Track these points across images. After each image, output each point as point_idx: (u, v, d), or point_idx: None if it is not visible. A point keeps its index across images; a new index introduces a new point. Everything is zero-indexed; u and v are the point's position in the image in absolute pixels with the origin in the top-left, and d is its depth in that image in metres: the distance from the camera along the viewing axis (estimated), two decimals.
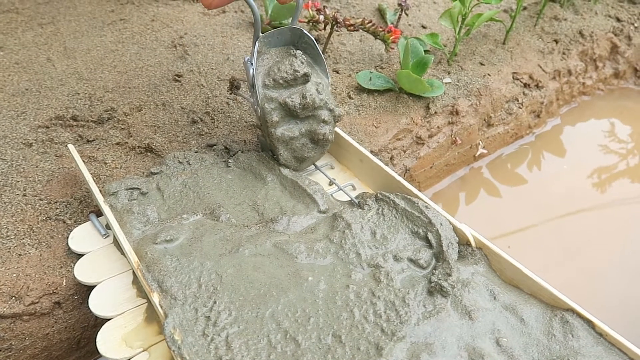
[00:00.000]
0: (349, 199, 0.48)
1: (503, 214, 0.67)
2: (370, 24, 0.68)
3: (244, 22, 0.78)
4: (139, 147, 0.54)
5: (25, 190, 0.47)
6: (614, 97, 0.91)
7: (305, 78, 0.47)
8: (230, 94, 0.56)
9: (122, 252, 0.42)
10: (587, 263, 0.61)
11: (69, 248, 0.43)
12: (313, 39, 0.48)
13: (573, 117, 0.85)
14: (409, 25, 0.83)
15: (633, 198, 0.71)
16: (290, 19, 0.49)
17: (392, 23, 0.81)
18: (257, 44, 0.46)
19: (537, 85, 0.76)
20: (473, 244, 0.42)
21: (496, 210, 0.68)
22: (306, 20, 0.70)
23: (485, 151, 0.73)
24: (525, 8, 0.90)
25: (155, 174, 0.48)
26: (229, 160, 0.51)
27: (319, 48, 0.52)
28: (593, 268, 0.61)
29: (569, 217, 0.67)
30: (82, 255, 0.42)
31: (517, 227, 0.65)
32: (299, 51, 0.47)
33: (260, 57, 0.47)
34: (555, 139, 0.80)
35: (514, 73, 0.75)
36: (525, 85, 0.75)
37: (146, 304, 0.39)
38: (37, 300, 0.41)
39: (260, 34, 0.47)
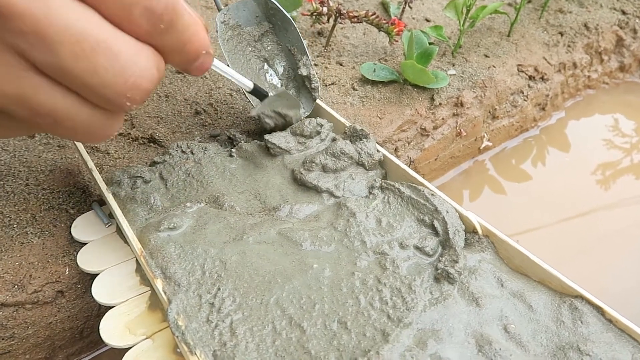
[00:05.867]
0: None
1: (508, 207, 0.67)
2: (374, 16, 0.68)
3: None
4: (142, 137, 0.54)
5: (27, 180, 0.47)
6: (619, 91, 0.91)
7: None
8: None
9: (125, 241, 0.41)
10: (597, 257, 0.61)
11: (72, 237, 0.43)
12: (277, 3, 0.48)
13: (578, 110, 0.85)
14: (413, 18, 0.83)
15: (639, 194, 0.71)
16: (298, 10, 0.49)
17: (395, 16, 0.81)
18: (218, 16, 0.47)
19: (542, 78, 0.76)
20: (480, 231, 0.42)
21: (501, 204, 0.67)
22: (309, 13, 0.70)
23: (490, 143, 0.73)
24: (529, 1, 0.90)
25: (159, 163, 0.47)
26: (232, 150, 0.50)
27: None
28: (603, 262, 0.60)
29: (575, 210, 0.67)
30: (85, 243, 0.42)
31: (522, 220, 0.65)
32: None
33: (238, 33, 0.47)
34: (560, 133, 0.80)
35: (519, 65, 0.75)
36: (530, 77, 0.75)
37: (149, 291, 0.38)
38: (39, 289, 0.40)
39: (222, 7, 0.48)
